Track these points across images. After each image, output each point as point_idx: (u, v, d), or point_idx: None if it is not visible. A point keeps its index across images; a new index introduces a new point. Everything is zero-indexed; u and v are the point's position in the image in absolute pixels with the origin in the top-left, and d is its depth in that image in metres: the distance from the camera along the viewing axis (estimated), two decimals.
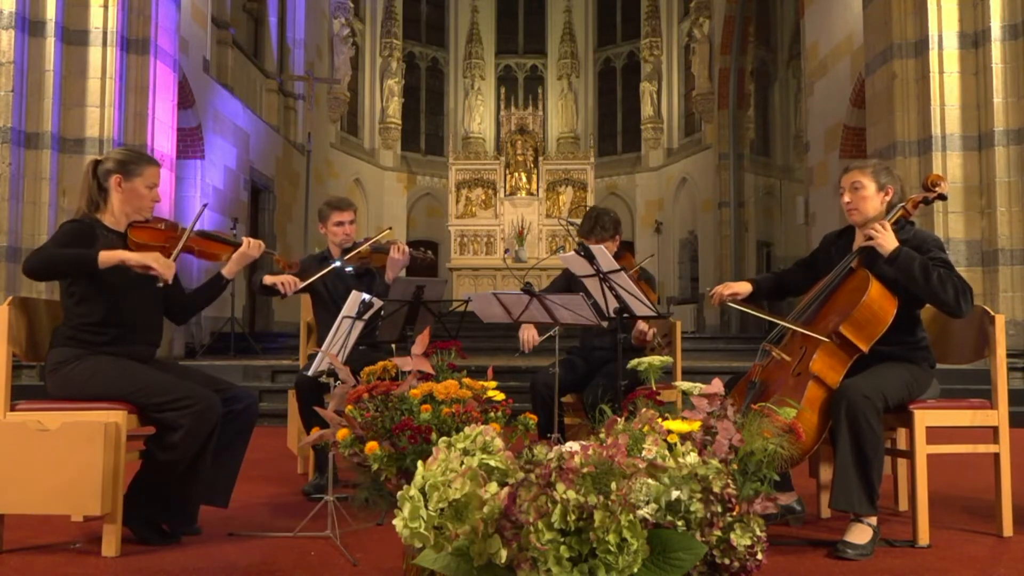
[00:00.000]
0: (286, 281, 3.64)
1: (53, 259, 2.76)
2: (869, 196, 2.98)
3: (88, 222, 2.91)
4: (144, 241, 2.93)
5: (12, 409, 2.75)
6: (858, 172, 3.02)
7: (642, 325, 3.71)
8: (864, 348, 2.80)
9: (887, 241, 2.83)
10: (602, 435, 1.77)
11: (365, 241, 4.08)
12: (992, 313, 2.95)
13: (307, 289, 3.87)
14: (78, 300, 2.85)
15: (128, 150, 3.09)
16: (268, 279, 3.73)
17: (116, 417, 2.69)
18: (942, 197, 3.02)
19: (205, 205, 3.46)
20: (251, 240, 3.13)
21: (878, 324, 2.80)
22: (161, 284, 2.79)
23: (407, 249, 4.00)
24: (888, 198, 2.99)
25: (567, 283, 3.99)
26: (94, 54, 7.71)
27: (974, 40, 7.57)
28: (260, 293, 3.84)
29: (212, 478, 2.91)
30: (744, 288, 3.18)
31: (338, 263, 3.90)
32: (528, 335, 3.85)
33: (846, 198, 3.03)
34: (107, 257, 2.71)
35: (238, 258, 3.09)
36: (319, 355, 3.06)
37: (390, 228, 4.38)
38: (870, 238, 2.87)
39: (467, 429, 1.71)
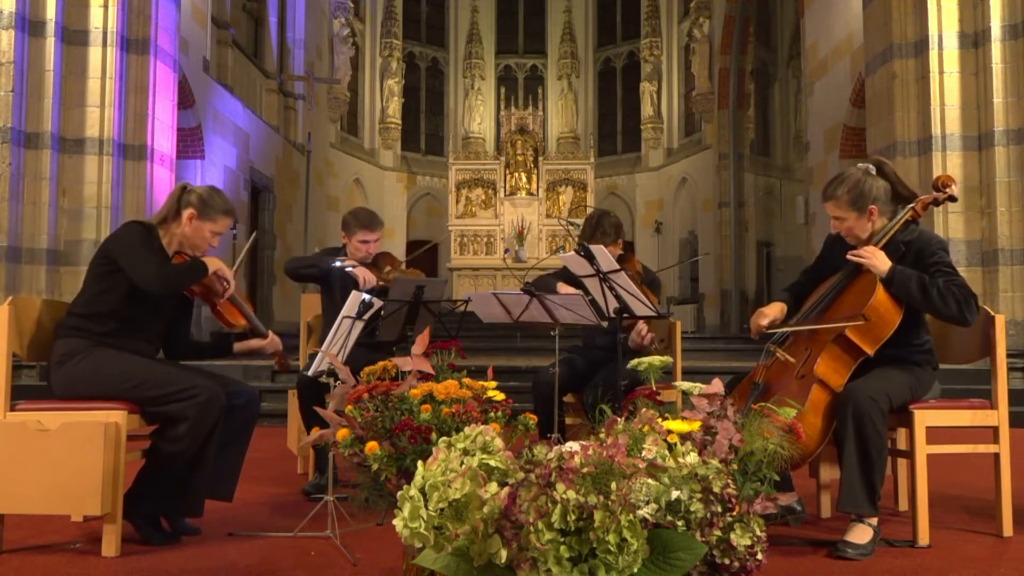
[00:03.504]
0: (368, 278, 3.77)
1: (179, 272, 2.93)
2: (853, 225, 2.90)
3: (152, 229, 3.01)
4: None
5: (12, 409, 2.75)
6: (832, 207, 2.91)
7: (641, 327, 3.70)
8: (870, 351, 2.78)
9: (880, 262, 2.77)
10: (602, 435, 1.77)
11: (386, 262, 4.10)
12: (992, 313, 2.93)
13: (324, 278, 3.98)
14: (105, 288, 2.88)
15: (216, 192, 3.11)
16: (347, 265, 3.86)
17: (116, 417, 2.69)
18: (952, 199, 2.97)
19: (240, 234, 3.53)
20: (275, 338, 3.29)
21: (885, 327, 2.77)
22: (224, 297, 3.03)
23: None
24: (874, 218, 2.89)
25: (570, 272, 3.97)
26: (94, 54, 7.72)
27: (974, 40, 7.57)
28: (299, 279, 4.11)
29: (216, 472, 2.92)
30: (779, 311, 3.04)
31: (345, 266, 3.90)
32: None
33: (835, 228, 2.95)
34: (210, 263, 2.96)
35: (253, 346, 3.26)
36: (319, 355, 3.06)
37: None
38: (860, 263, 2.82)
39: (467, 429, 1.71)
